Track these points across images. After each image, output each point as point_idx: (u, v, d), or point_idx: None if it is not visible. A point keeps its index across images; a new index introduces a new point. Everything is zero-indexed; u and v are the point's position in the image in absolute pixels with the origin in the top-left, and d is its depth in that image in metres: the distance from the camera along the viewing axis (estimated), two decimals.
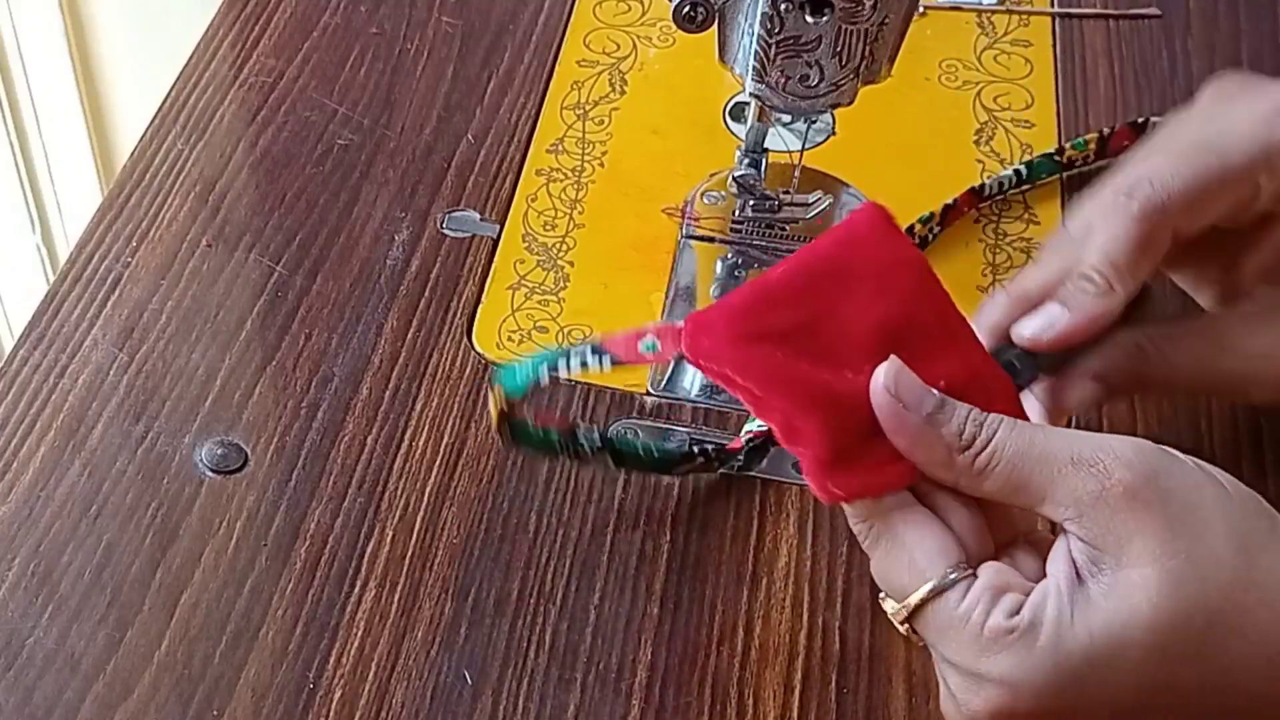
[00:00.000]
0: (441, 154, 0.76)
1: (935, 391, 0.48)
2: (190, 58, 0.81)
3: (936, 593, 0.46)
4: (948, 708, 0.49)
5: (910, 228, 0.71)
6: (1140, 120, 0.76)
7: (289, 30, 0.82)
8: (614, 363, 0.52)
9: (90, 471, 0.62)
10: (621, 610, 0.58)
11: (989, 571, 0.47)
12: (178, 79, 0.79)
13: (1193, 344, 0.57)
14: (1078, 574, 0.46)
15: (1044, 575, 0.47)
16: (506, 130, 0.77)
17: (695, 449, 0.61)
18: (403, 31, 0.82)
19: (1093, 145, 0.75)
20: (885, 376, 0.48)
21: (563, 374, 0.52)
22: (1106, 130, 0.75)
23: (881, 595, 0.49)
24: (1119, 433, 0.63)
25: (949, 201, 0.72)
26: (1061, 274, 0.55)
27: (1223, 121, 0.56)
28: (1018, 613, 0.46)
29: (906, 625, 0.48)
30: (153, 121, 0.77)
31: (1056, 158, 0.75)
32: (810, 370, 0.48)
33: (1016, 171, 0.74)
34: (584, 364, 0.52)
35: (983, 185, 0.73)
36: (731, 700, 0.56)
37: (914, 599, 0.47)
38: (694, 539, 0.60)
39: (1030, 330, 0.55)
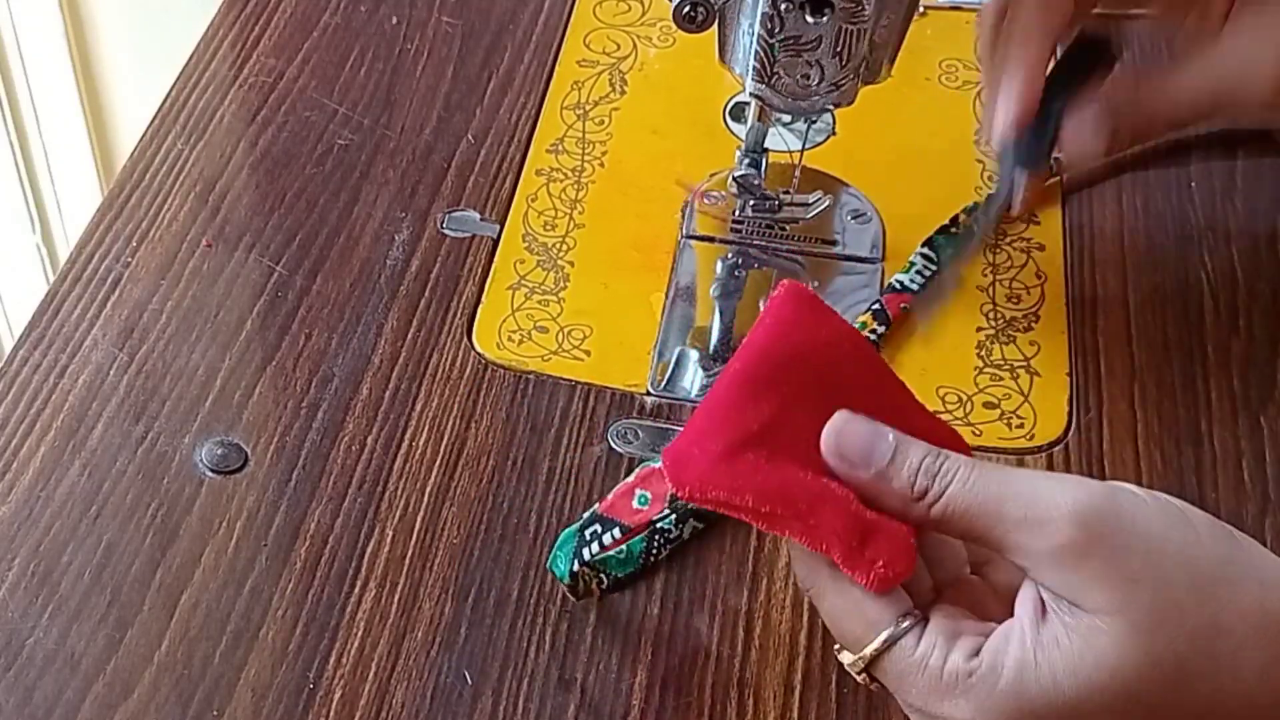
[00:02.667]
0: (441, 154, 0.76)
1: (889, 438, 0.47)
2: (190, 58, 0.81)
3: (892, 640, 0.47)
4: None
5: (955, 218, 0.71)
6: None
7: (289, 30, 0.82)
8: (624, 529, 0.54)
9: (90, 471, 0.62)
10: (621, 610, 0.58)
11: (939, 616, 0.47)
12: (178, 79, 0.79)
13: (1182, 71, 0.63)
14: (1044, 612, 0.46)
15: (987, 614, 0.47)
16: (506, 130, 0.77)
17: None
18: (403, 31, 0.82)
19: None
20: (826, 438, 0.48)
21: (589, 557, 0.56)
22: None
23: (836, 648, 0.49)
24: (1121, 437, 0.64)
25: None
26: None
27: None
28: (977, 654, 0.46)
29: (864, 675, 0.48)
30: (153, 121, 0.77)
31: None
32: (796, 468, 0.48)
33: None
34: (600, 543, 0.55)
35: None
36: (731, 700, 0.56)
37: (870, 649, 0.47)
38: (694, 539, 0.60)
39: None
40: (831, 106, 0.64)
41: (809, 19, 0.61)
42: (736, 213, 0.72)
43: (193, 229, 0.72)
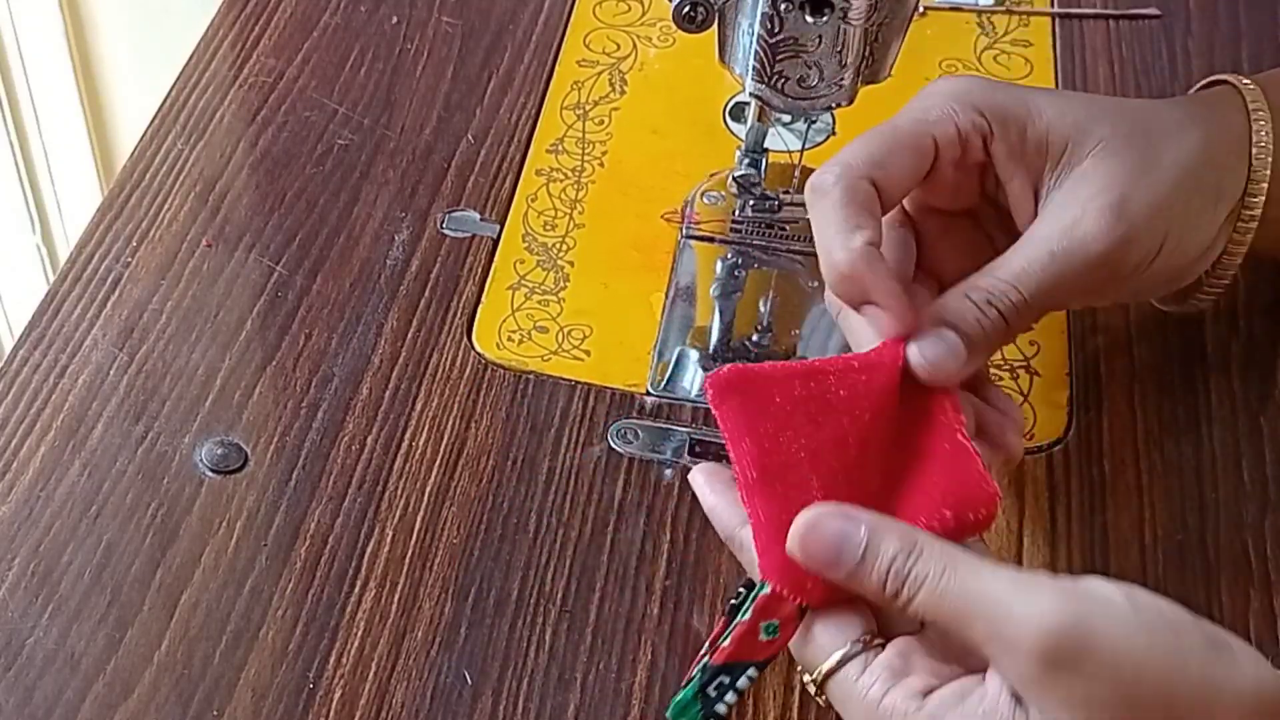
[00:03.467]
0: (441, 154, 0.76)
1: (859, 536, 0.48)
2: (190, 58, 0.81)
3: (842, 662, 0.48)
4: None
5: None
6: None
7: (289, 30, 0.82)
8: (760, 668, 0.50)
9: (90, 471, 0.62)
10: (621, 610, 0.58)
11: (894, 650, 0.48)
12: (178, 79, 0.79)
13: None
14: (1017, 696, 0.45)
15: (961, 659, 0.48)
16: (506, 130, 0.77)
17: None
18: (403, 31, 0.82)
19: None
20: (792, 539, 0.49)
21: (725, 711, 0.50)
22: None
23: (799, 669, 0.50)
24: (1121, 437, 0.64)
25: None
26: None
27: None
28: (923, 695, 0.46)
29: (822, 696, 0.49)
30: (153, 121, 0.77)
31: None
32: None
33: None
34: (736, 690, 0.50)
35: None
36: None
37: (822, 669, 0.48)
38: (694, 539, 0.60)
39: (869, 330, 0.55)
40: (831, 106, 0.64)
41: (809, 19, 0.61)
42: (736, 213, 0.72)
43: (193, 229, 0.72)
